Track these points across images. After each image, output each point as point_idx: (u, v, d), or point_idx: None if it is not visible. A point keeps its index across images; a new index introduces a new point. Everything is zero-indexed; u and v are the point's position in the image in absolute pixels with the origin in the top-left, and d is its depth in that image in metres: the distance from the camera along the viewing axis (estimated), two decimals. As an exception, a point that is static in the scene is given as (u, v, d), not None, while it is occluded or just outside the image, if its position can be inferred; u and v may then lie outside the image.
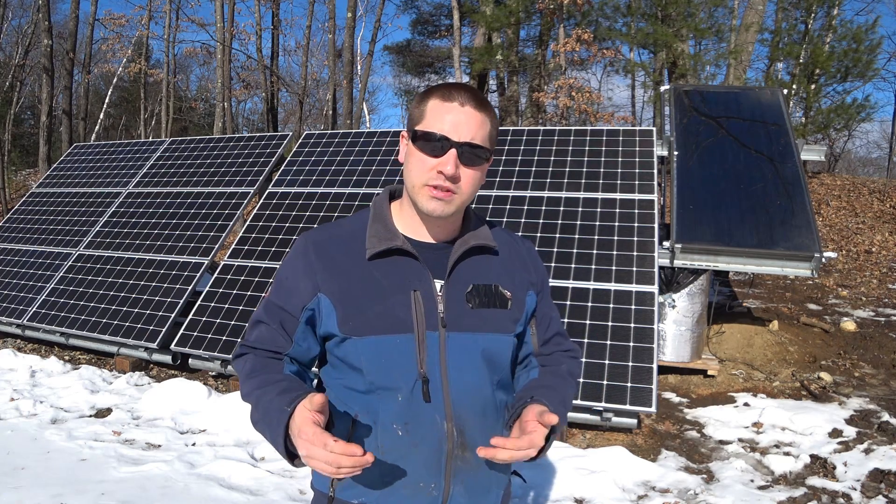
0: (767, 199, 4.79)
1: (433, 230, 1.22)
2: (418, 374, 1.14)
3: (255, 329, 1.25)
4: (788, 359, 5.48)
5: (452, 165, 1.10)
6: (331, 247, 1.21)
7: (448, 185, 1.11)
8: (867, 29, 12.03)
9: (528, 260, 1.33)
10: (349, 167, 5.80)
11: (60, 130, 14.36)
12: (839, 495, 3.24)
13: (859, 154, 24.85)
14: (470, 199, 1.18)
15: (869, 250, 9.72)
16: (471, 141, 1.11)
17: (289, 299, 1.20)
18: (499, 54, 14.84)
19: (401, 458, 1.15)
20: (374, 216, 1.24)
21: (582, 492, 3.22)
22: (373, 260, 1.18)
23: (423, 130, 1.12)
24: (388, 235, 1.19)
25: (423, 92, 1.18)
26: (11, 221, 7.09)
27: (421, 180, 1.13)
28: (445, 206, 1.13)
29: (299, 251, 1.22)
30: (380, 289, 1.16)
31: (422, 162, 1.12)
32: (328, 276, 1.17)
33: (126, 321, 5.19)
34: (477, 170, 1.14)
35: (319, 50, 22.85)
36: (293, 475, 3.36)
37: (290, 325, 1.20)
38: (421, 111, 1.15)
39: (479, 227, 1.27)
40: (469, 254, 1.23)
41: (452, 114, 1.11)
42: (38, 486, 3.14)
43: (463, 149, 1.11)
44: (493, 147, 1.18)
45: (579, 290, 4.35)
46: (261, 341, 1.22)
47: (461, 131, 1.11)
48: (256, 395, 1.13)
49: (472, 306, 1.19)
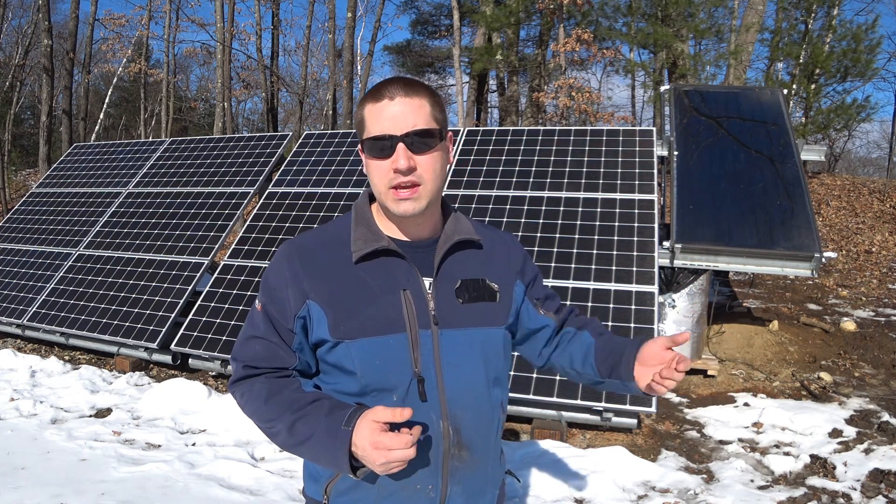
0: (767, 199, 4.79)
1: (413, 229, 1.21)
2: (413, 374, 1.13)
3: (248, 346, 1.21)
4: (788, 359, 5.48)
5: (404, 158, 1.09)
6: (315, 252, 1.20)
7: (408, 179, 1.10)
8: (867, 29, 12.03)
9: (510, 250, 1.32)
10: (349, 167, 5.80)
11: (60, 130, 14.36)
12: (839, 495, 3.24)
13: (859, 154, 24.87)
14: (438, 187, 1.16)
15: (869, 250, 9.72)
16: (414, 129, 1.10)
17: (280, 309, 1.18)
18: (499, 54, 14.84)
19: None
20: (357, 219, 1.23)
21: (582, 492, 3.22)
22: (359, 262, 1.17)
23: (367, 137, 1.12)
24: (372, 237, 1.19)
25: (359, 102, 1.18)
26: (11, 221, 7.09)
27: (383, 185, 1.12)
28: (415, 204, 1.13)
29: (284, 258, 1.20)
30: (369, 290, 1.15)
31: (378, 168, 1.12)
32: (315, 282, 1.16)
33: (126, 321, 5.19)
34: (432, 154, 1.13)
35: (319, 50, 22.86)
36: (293, 475, 3.36)
37: (288, 337, 1.18)
38: (360, 120, 1.15)
39: (460, 220, 1.26)
40: (454, 249, 1.23)
41: (387, 110, 1.11)
42: (38, 486, 3.14)
43: (410, 139, 1.10)
44: (442, 126, 1.16)
45: (579, 290, 4.35)
46: (261, 359, 1.20)
47: (400, 123, 1.10)
48: (290, 419, 1.11)
49: (462, 302, 1.19)
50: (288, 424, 1.11)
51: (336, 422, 1.06)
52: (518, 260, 1.33)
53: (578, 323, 1.39)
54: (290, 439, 1.11)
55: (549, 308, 1.36)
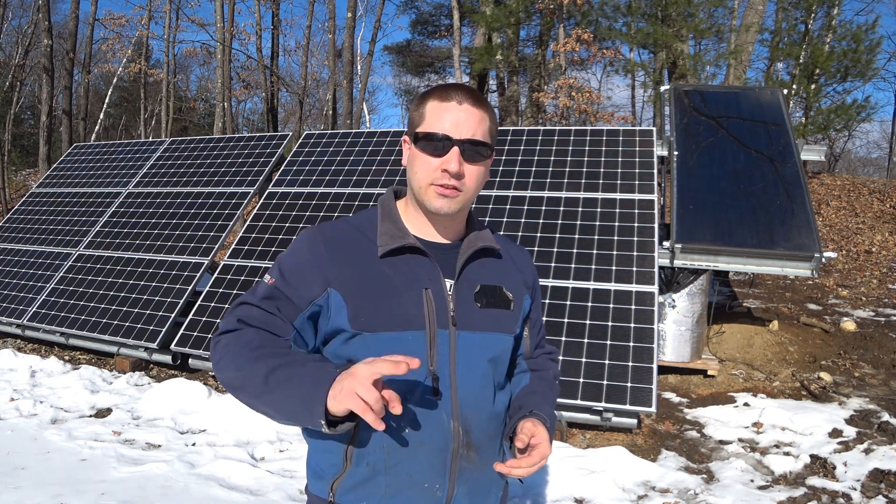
0: (767, 199, 4.79)
1: (440, 230, 1.23)
2: (428, 372, 1.14)
3: (244, 308, 1.17)
4: (788, 359, 5.48)
5: (456, 163, 1.12)
6: (342, 241, 1.20)
7: (454, 182, 1.13)
8: (867, 29, 12.03)
9: (525, 264, 1.37)
10: (349, 167, 5.80)
11: (60, 130, 14.35)
12: (839, 495, 3.24)
13: (859, 154, 24.87)
14: (474, 196, 1.20)
15: (869, 250, 9.72)
16: (472, 137, 1.13)
17: (295, 289, 1.16)
18: (499, 54, 14.84)
19: (406, 457, 1.14)
20: (384, 214, 1.24)
21: (582, 492, 3.22)
22: (384, 258, 1.19)
23: (424, 132, 1.14)
24: (399, 234, 1.20)
25: (421, 95, 1.20)
26: (11, 221, 7.09)
27: (427, 180, 1.15)
28: (452, 203, 1.15)
29: (309, 243, 1.19)
30: (392, 286, 1.16)
31: (426, 163, 1.14)
32: (340, 272, 1.16)
33: (126, 321, 5.19)
34: (480, 166, 1.17)
35: (319, 50, 22.85)
36: (293, 475, 3.36)
37: (290, 313, 1.15)
38: (420, 113, 1.17)
39: (482, 229, 1.30)
40: (476, 255, 1.25)
41: (451, 113, 1.13)
42: (38, 486, 3.14)
43: (465, 146, 1.13)
44: (493, 143, 1.20)
45: (579, 290, 4.35)
46: (257, 320, 1.15)
47: (461, 129, 1.13)
48: (273, 363, 1.05)
49: (479, 306, 1.21)
50: (267, 370, 1.04)
51: (325, 368, 1.03)
52: (530, 275, 1.37)
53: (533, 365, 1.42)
54: (262, 386, 1.04)
55: (533, 336, 1.40)
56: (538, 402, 1.27)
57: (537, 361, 1.41)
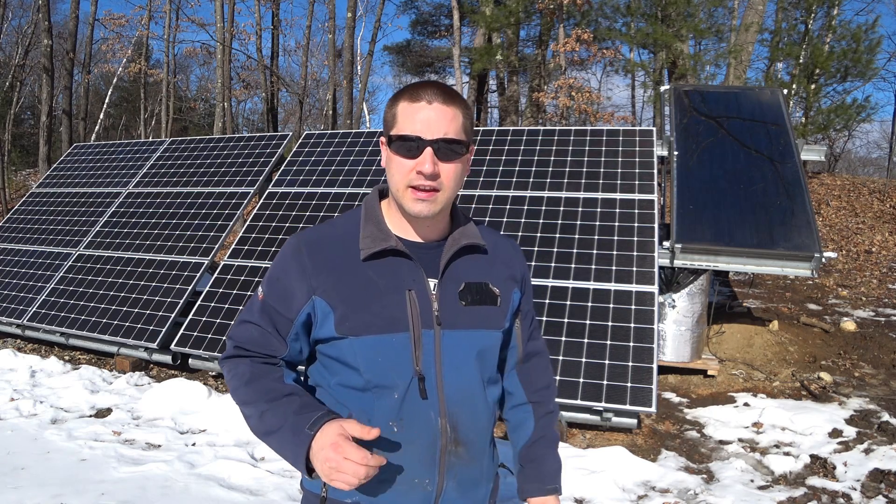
0: (767, 199, 4.79)
1: (423, 230, 1.23)
2: (414, 372, 1.16)
3: (244, 328, 1.24)
4: (788, 359, 5.48)
5: (430, 163, 1.11)
6: (324, 247, 1.21)
7: (429, 183, 1.12)
8: (867, 29, 12.03)
9: (512, 258, 1.35)
10: (349, 167, 5.80)
11: (60, 130, 14.35)
12: (839, 495, 3.25)
13: (859, 154, 24.87)
14: (454, 195, 1.19)
15: (869, 250, 9.72)
16: (444, 136, 1.12)
17: (283, 301, 1.20)
18: (499, 54, 14.83)
19: (396, 454, 1.16)
20: (366, 216, 1.25)
21: (582, 492, 3.22)
22: (367, 261, 1.19)
23: (397, 134, 1.14)
24: (381, 236, 1.20)
25: (393, 96, 1.19)
26: (11, 221, 7.09)
27: (403, 183, 1.14)
28: (431, 206, 1.15)
29: (292, 252, 1.22)
30: (375, 289, 1.17)
31: (401, 165, 1.14)
32: (323, 278, 1.18)
33: (126, 321, 5.19)
34: (456, 163, 1.15)
35: (319, 50, 22.85)
36: (293, 475, 3.36)
37: (284, 328, 1.21)
38: (392, 115, 1.16)
39: (467, 224, 1.29)
40: (460, 253, 1.25)
41: (422, 112, 1.12)
42: (38, 486, 3.14)
43: (438, 145, 1.12)
44: (469, 138, 1.19)
45: (579, 290, 4.35)
46: (254, 343, 1.22)
47: (433, 129, 1.12)
48: (262, 407, 1.15)
49: (464, 304, 1.22)
50: (259, 412, 1.15)
51: (302, 423, 1.09)
52: (519, 268, 1.36)
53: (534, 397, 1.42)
54: (259, 426, 1.15)
55: (525, 326, 1.40)
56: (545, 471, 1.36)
57: (536, 394, 1.41)
